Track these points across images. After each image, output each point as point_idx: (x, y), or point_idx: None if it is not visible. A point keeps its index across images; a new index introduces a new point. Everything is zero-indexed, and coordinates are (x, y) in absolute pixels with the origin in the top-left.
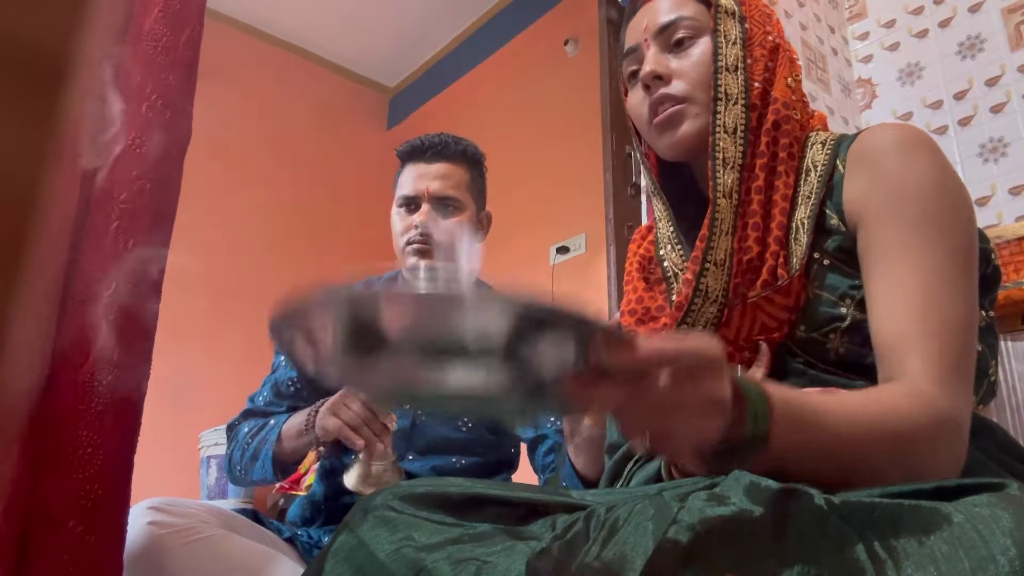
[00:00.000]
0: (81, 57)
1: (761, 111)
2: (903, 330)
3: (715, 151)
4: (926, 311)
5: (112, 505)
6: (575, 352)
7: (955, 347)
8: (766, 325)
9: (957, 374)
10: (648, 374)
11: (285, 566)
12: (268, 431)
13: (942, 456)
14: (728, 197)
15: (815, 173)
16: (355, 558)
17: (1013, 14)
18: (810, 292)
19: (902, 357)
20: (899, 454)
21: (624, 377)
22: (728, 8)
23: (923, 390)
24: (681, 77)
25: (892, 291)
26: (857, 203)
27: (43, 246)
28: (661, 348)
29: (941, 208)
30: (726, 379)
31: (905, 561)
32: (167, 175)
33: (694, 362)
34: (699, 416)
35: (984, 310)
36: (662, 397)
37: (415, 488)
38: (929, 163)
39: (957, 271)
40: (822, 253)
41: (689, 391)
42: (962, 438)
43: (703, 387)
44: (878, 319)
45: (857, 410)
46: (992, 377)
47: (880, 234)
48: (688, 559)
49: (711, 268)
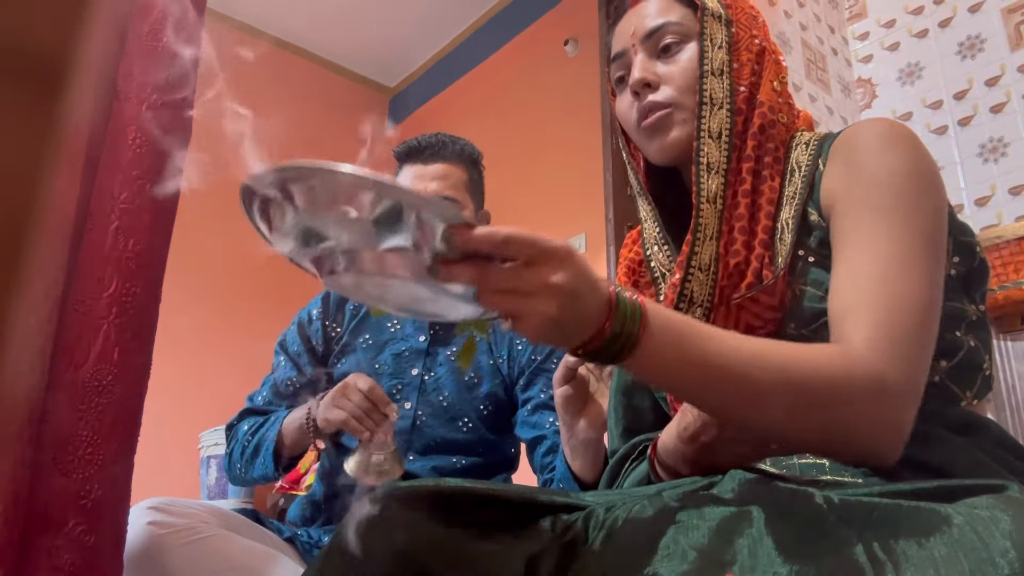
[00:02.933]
0: (81, 57)
1: (747, 115)
2: (850, 301)
3: (699, 156)
4: (877, 286)
5: (112, 505)
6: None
7: (903, 320)
8: (751, 325)
9: (899, 342)
10: (490, 257)
11: (285, 566)
12: (268, 427)
13: (867, 419)
14: (712, 202)
15: (799, 173)
16: (355, 558)
17: (1013, 14)
18: (795, 289)
19: (846, 325)
20: (803, 404)
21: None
22: (715, 12)
23: (854, 352)
24: (668, 83)
25: (848, 270)
26: (830, 194)
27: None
28: (494, 232)
29: (909, 196)
30: (569, 270)
31: (904, 563)
32: (167, 175)
33: (530, 250)
34: (541, 300)
35: (975, 304)
36: (502, 277)
37: (415, 488)
38: (902, 154)
39: (918, 255)
40: (806, 250)
41: (526, 274)
42: (899, 407)
43: (541, 273)
44: (832, 295)
45: (760, 349)
46: (987, 372)
47: (847, 222)
48: (686, 559)
49: (695, 273)
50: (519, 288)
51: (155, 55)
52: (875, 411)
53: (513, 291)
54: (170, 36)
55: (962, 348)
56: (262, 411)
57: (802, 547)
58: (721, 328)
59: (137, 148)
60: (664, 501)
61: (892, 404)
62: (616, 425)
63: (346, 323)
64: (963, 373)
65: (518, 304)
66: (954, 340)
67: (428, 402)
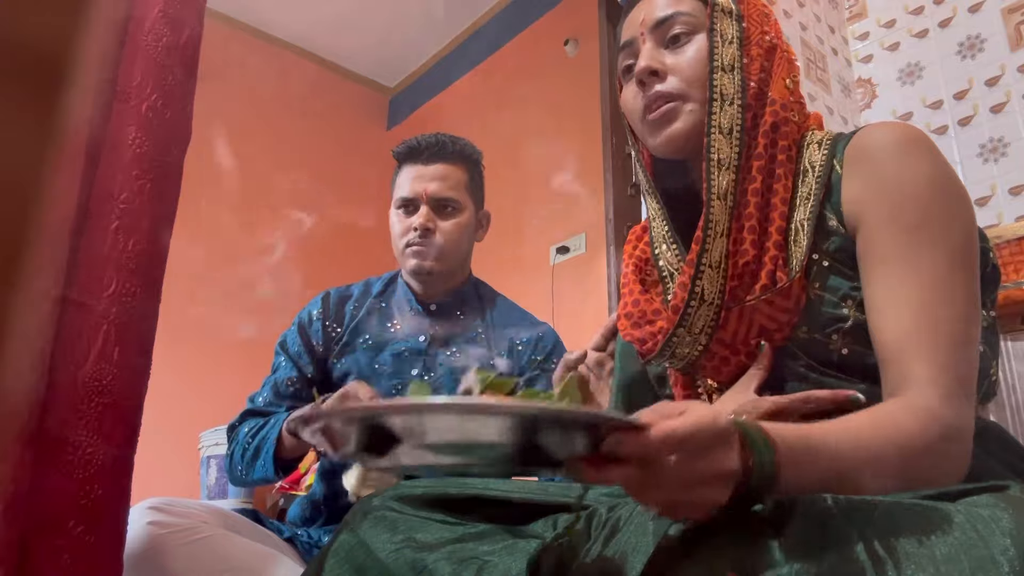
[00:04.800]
0: (81, 57)
1: (757, 111)
2: (904, 339)
3: (710, 152)
4: (926, 318)
5: (112, 505)
6: (585, 443)
7: (957, 354)
8: (764, 327)
9: (960, 385)
10: (659, 457)
11: (285, 566)
12: (268, 430)
13: (947, 467)
14: (723, 199)
15: (812, 174)
16: (355, 558)
17: (1013, 14)
18: (811, 293)
19: (904, 368)
20: (905, 472)
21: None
22: (725, 7)
23: (928, 406)
24: (676, 74)
25: (891, 298)
26: (855, 205)
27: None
28: (672, 433)
29: (939, 209)
30: (735, 450)
31: (905, 561)
32: (167, 175)
33: (704, 441)
34: (710, 487)
35: (985, 309)
36: (672, 475)
37: (415, 488)
38: (926, 164)
39: (956, 271)
40: (822, 254)
41: (699, 467)
42: (966, 447)
43: (713, 462)
44: (878, 327)
45: (862, 436)
46: (993, 376)
47: (878, 239)
48: (689, 558)
49: (706, 270)
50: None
51: (155, 55)
52: (955, 457)
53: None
54: (170, 36)
55: None
56: (263, 412)
57: (804, 545)
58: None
59: (137, 148)
60: None
61: (965, 446)
62: None
63: (346, 323)
64: None
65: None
66: None
67: None
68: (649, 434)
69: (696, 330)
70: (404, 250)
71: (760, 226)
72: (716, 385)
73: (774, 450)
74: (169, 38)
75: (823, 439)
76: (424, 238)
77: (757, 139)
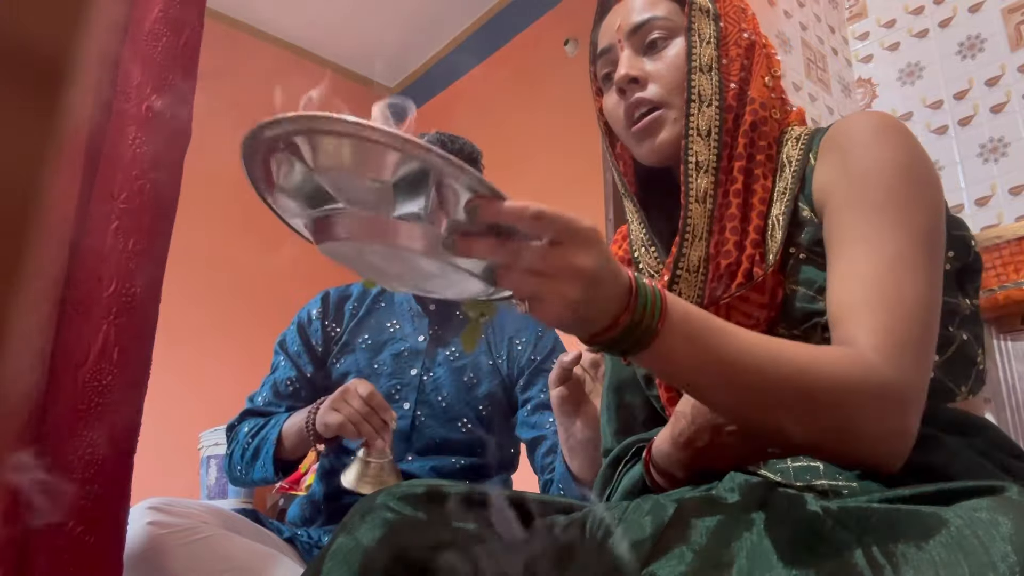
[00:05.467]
0: (81, 57)
1: (737, 112)
2: (852, 302)
3: (688, 155)
4: (878, 285)
5: (112, 505)
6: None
7: (907, 322)
8: (741, 324)
9: (906, 348)
10: (514, 227)
11: (285, 566)
12: (268, 430)
13: (874, 423)
14: (701, 202)
15: (789, 169)
16: (353, 559)
17: (1013, 14)
18: (787, 288)
19: (849, 328)
20: (814, 407)
21: (498, 233)
22: (702, 6)
23: (863, 354)
24: (656, 80)
25: (848, 268)
26: (823, 191)
27: (43, 246)
28: (525, 207)
29: (905, 192)
30: (595, 254)
31: (904, 567)
32: (167, 175)
33: (559, 228)
34: (565, 282)
35: (968, 298)
36: (527, 257)
37: (414, 488)
38: (895, 147)
39: (917, 252)
40: (797, 247)
41: (553, 255)
42: (902, 409)
43: (567, 254)
44: (831, 295)
45: (774, 348)
46: (980, 366)
47: (842, 219)
48: (684, 560)
49: (683, 275)
50: (543, 269)
51: (155, 55)
52: (883, 416)
53: (537, 272)
54: (170, 36)
55: (955, 342)
56: (262, 412)
57: (801, 551)
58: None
59: (137, 148)
60: (662, 502)
61: (900, 410)
62: (609, 424)
63: (345, 323)
64: (956, 367)
65: (540, 286)
66: (947, 335)
67: (427, 402)
68: (504, 203)
69: None
70: None
71: (741, 226)
72: None
73: (662, 299)
74: (169, 38)
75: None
76: None
77: (737, 139)
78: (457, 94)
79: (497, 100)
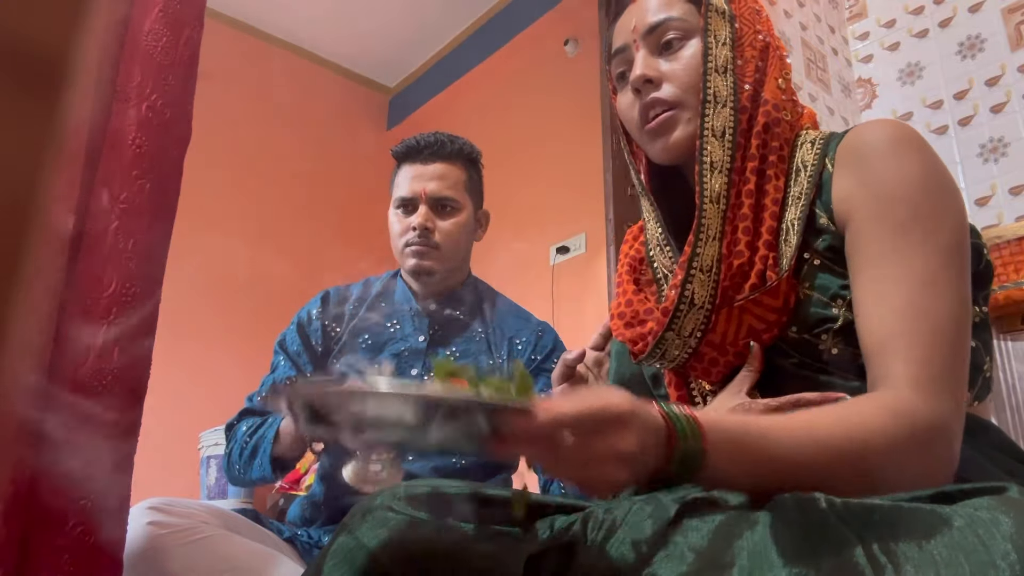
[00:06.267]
0: (81, 57)
1: (751, 113)
2: (887, 333)
3: (702, 155)
4: (912, 314)
5: (112, 505)
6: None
7: (942, 349)
8: (753, 328)
9: (943, 378)
10: (552, 436)
11: (285, 566)
12: (266, 429)
13: (921, 467)
14: (716, 202)
15: (805, 173)
16: (354, 559)
17: (1013, 14)
18: (800, 293)
19: (886, 361)
20: (867, 470)
21: (532, 440)
22: (718, 7)
23: (902, 398)
24: (671, 80)
25: (879, 294)
26: (845, 202)
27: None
28: (557, 416)
29: (930, 208)
30: (633, 432)
31: (905, 565)
32: (167, 175)
33: (595, 422)
34: (606, 466)
35: (978, 305)
36: (567, 454)
37: (414, 488)
38: (917, 162)
39: (946, 271)
40: (812, 253)
41: (595, 446)
42: (948, 443)
43: (608, 442)
44: (864, 323)
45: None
46: (987, 373)
47: (867, 236)
48: (685, 560)
49: (697, 274)
50: (588, 461)
51: (155, 55)
52: (932, 456)
53: (582, 463)
54: (170, 37)
55: None
56: (261, 412)
57: (802, 550)
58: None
59: (137, 148)
60: (661, 502)
61: (946, 444)
62: None
63: (345, 323)
64: None
65: (588, 474)
66: None
67: None
68: (536, 417)
69: (686, 333)
70: (403, 250)
71: (754, 227)
72: (709, 388)
73: (702, 437)
74: (169, 38)
75: (769, 431)
76: (423, 238)
77: (751, 140)
78: (457, 94)
79: (497, 100)
